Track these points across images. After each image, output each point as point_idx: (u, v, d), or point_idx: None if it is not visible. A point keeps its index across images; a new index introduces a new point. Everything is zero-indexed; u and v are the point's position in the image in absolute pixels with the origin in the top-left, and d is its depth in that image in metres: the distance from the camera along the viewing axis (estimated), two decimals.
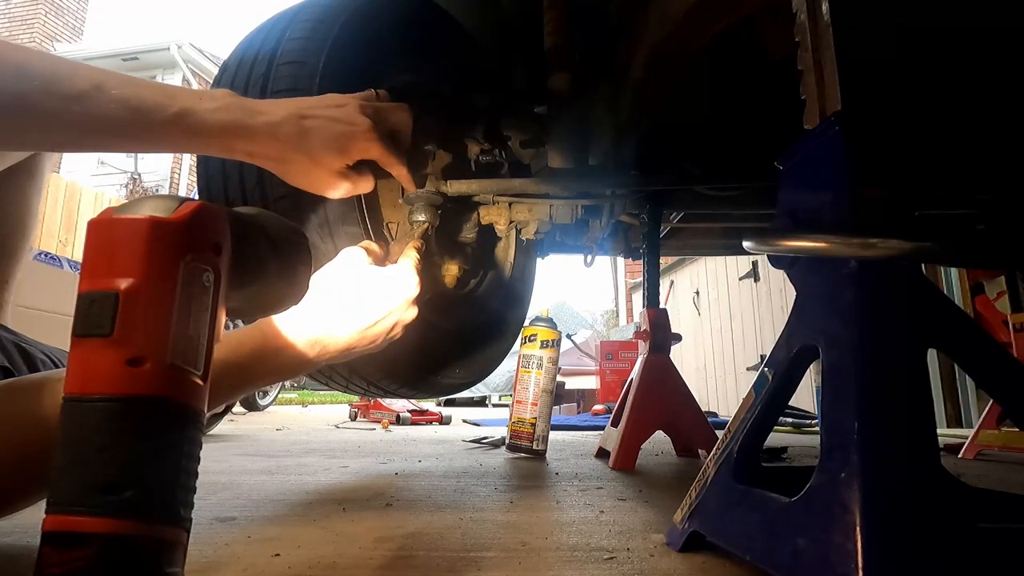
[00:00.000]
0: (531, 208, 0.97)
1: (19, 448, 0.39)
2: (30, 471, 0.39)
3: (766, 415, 0.50)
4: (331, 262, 0.59)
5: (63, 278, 2.15)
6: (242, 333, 0.51)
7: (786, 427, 2.19)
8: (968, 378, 2.66)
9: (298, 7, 0.83)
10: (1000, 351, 0.42)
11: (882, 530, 0.33)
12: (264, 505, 0.72)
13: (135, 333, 0.28)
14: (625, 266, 7.40)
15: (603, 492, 0.82)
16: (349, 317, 0.55)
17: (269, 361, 0.51)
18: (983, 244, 0.43)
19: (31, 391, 0.41)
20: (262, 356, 0.51)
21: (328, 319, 0.54)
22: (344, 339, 0.55)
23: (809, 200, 0.48)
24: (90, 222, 0.30)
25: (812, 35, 0.47)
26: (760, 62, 0.89)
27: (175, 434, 0.29)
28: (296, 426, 2.28)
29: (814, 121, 0.46)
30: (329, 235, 0.74)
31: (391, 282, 0.59)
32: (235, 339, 0.51)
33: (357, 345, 0.57)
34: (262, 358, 0.51)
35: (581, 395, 5.39)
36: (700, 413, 1.17)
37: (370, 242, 0.62)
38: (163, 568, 0.28)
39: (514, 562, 0.49)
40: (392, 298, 0.58)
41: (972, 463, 1.30)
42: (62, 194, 4.44)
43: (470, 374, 1.09)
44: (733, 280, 4.69)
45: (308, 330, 0.53)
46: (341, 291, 0.56)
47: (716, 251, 2.36)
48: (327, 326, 0.54)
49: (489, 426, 2.33)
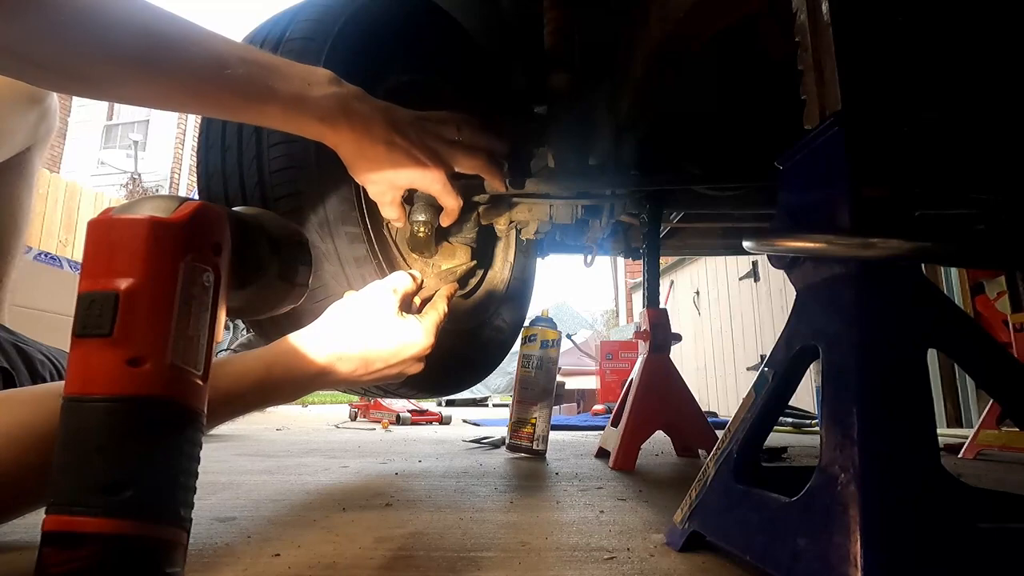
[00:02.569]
0: (531, 208, 0.97)
1: (16, 461, 0.39)
2: (28, 483, 0.39)
3: (766, 415, 0.50)
4: (358, 294, 0.60)
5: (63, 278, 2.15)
6: (246, 364, 0.52)
7: (786, 427, 2.19)
8: (968, 378, 2.66)
9: (298, 7, 0.83)
10: (1000, 351, 0.42)
11: (882, 530, 0.33)
12: (264, 505, 0.72)
13: (135, 333, 0.28)
14: (625, 266, 7.40)
15: (603, 492, 0.82)
16: (355, 361, 0.56)
17: (269, 394, 0.53)
18: (983, 244, 0.43)
19: (30, 403, 0.41)
20: (264, 389, 0.52)
21: (334, 359, 0.55)
22: (344, 379, 0.57)
23: (809, 200, 0.48)
24: (90, 222, 0.31)
25: (812, 35, 0.47)
26: (760, 62, 0.89)
27: (175, 434, 0.29)
28: (296, 426, 2.28)
29: (814, 121, 0.46)
30: (329, 235, 0.74)
31: (407, 339, 0.59)
32: (239, 369, 0.51)
33: (354, 384, 0.59)
34: (264, 391, 0.52)
35: (581, 395, 5.39)
36: (700, 413, 1.17)
37: (404, 276, 0.62)
38: (163, 568, 0.28)
39: (514, 562, 0.49)
40: (402, 352, 0.59)
41: (972, 463, 1.30)
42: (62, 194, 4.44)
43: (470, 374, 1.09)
44: (733, 280, 4.69)
45: (312, 369, 0.54)
46: (355, 333, 0.57)
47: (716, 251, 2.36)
48: (332, 365, 0.55)
49: (489, 426, 2.33)
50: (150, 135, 10.99)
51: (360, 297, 0.59)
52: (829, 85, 0.45)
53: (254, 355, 0.52)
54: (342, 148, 0.59)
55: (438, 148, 0.65)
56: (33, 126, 0.79)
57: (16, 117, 0.75)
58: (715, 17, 0.69)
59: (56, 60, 0.41)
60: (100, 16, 0.41)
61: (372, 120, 0.58)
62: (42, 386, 0.49)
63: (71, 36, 0.40)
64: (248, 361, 0.52)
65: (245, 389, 0.51)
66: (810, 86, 0.47)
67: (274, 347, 0.54)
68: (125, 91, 0.45)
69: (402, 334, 0.59)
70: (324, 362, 0.54)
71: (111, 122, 11.47)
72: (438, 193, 0.67)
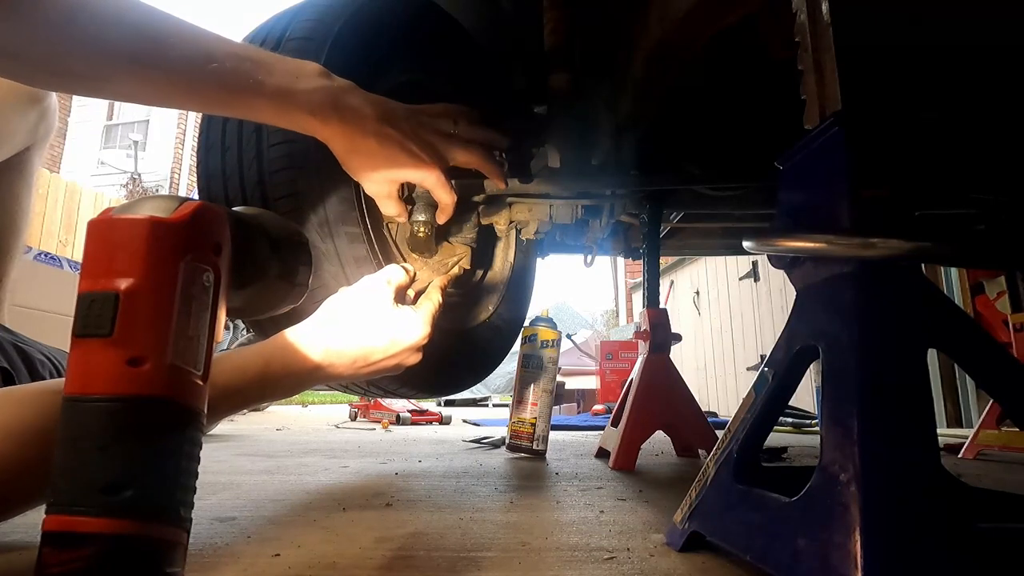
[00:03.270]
0: (531, 208, 0.97)
1: (16, 457, 0.39)
2: (27, 481, 0.39)
3: (766, 415, 0.50)
4: (352, 288, 0.60)
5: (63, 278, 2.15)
6: (244, 359, 0.52)
7: (786, 427, 2.19)
8: (968, 378, 2.66)
9: (298, 7, 0.83)
10: (1000, 351, 0.42)
11: (882, 530, 0.33)
12: (264, 505, 0.72)
13: (135, 333, 0.28)
14: (625, 266, 7.40)
15: (603, 492, 0.82)
16: (353, 354, 0.56)
17: (268, 389, 0.53)
18: (983, 244, 0.43)
19: (29, 400, 0.41)
20: (263, 384, 0.52)
21: (332, 352, 0.55)
22: (342, 373, 0.56)
23: (809, 200, 0.48)
24: (90, 222, 0.30)
25: (812, 35, 0.47)
26: (760, 62, 0.89)
27: (175, 434, 0.29)
28: (296, 426, 2.28)
29: (814, 121, 0.46)
30: (329, 235, 0.74)
31: (402, 328, 0.59)
32: (238, 364, 0.51)
33: (353, 378, 0.58)
34: (262, 386, 0.52)
35: (581, 395, 5.38)
36: (700, 413, 1.17)
37: (398, 268, 0.62)
38: (163, 568, 0.28)
39: (514, 562, 0.49)
40: (399, 343, 0.59)
41: (972, 463, 1.30)
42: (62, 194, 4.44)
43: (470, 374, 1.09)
44: (733, 280, 4.69)
45: (310, 362, 0.54)
46: (351, 326, 0.57)
47: (716, 251, 2.37)
48: (329, 359, 0.55)
49: (489, 426, 2.33)
50: (150, 135, 10.99)
51: (355, 290, 0.59)
52: (829, 85, 0.45)
53: (252, 350, 0.53)
54: (333, 142, 0.59)
55: (433, 141, 0.64)
56: (33, 126, 0.79)
57: (16, 117, 0.75)
58: (715, 17, 0.69)
59: (48, 58, 0.41)
60: (92, 14, 0.41)
61: (363, 113, 0.58)
62: (41, 383, 0.49)
63: (64, 34, 0.40)
64: (246, 356, 0.52)
65: (243, 384, 0.51)
66: (810, 86, 0.47)
67: (272, 342, 0.54)
68: (116, 87, 0.46)
69: (399, 325, 0.59)
70: (322, 356, 0.54)
71: (111, 122, 11.47)
72: (432, 187, 0.66)
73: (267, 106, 0.52)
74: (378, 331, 0.57)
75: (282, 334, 0.55)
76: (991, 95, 0.68)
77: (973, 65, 0.66)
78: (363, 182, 0.64)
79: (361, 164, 0.61)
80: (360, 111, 0.58)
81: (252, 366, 0.51)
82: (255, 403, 0.53)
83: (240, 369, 0.51)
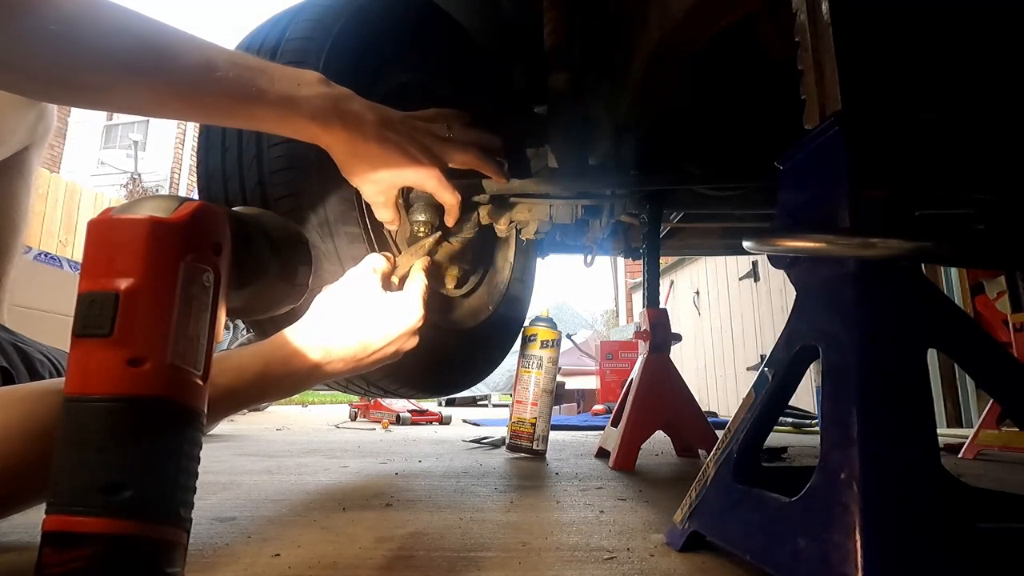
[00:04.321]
0: (531, 208, 0.97)
1: (16, 457, 0.39)
2: (27, 480, 0.39)
3: (766, 415, 0.50)
4: (339, 282, 0.59)
5: (63, 278, 2.15)
6: (243, 359, 0.52)
7: (786, 427, 2.19)
8: (968, 378, 2.66)
9: (298, 7, 0.83)
10: (1000, 351, 0.42)
11: (882, 530, 0.33)
12: (264, 505, 0.72)
13: (135, 333, 0.28)
14: (625, 266, 7.40)
15: (603, 492, 0.82)
16: (351, 346, 0.56)
17: (268, 388, 0.53)
18: (983, 244, 0.43)
19: (29, 400, 0.41)
20: (262, 384, 0.52)
21: (330, 347, 0.55)
22: (343, 367, 0.56)
23: (809, 200, 0.48)
24: (90, 222, 0.30)
25: (812, 35, 0.47)
26: (760, 62, 0.89)
27: (175, 434, 0.29)
28: (296, 426, 2.28)
29: (814, 121, 0.46)
30: (329, 235, 0.74)
31: (396, 313, 0.59)
32: (236, 364, 0.51)
33: (354, 371, 0.58)
34: (262, 385, 0.52)
35: (581, 395, 5.38)
36: (700, 413, 1.17)
37: (378, 257, 0.62)
38: (163, 568, 0.28)
39: (514, 562, 0.49)
40: (396, 328, 0.58)
41: (972, 463, 1.30)
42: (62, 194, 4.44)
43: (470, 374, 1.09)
44: (733, 280, 4.69)
45: (309, 361, 0.54)
46: (346, 319, 0.56)
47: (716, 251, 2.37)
48: (328, 353, 0.55)
49: (489, 426, 2.33)
50: (150, 135, 10.99)
51: (342, 284, 0.59)
52: (829, 85, 0.45)
53: (251, 350, 0.53)
54: (335, 148, 0.59)
55: (430, 145, 0.65)
56: (32, 125, 0.79)
57: (14, 116, 0.75)
58: (714, 17, 0.69)
59: (46, 70, 0.41)
60: (93, 25, 0.41)
61: (364, 119, 0.58)
62: (41, 383, 0.49)
63: (64, 46, 0.40)
64: (246, 356, 0.52)
65: (243, 385, 0.51)
66: (810, 86, 0.47)
67: (271, 342, 0.54)
68: (118, 98, 0.46)
69: (392, 311, 0.59)
70: (321, 353, 0.54)
71: (111, 122, 11.47)
72: (434, 189, 0.67)
73: (270, 113, 0.52)
74: (373, 320, 0.57)
75: (280, 334, 0.55)
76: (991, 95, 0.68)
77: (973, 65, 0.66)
78: (363, 187, 0.64)
79: (363, 169, 0.61)
80: (361, 116, 0.58)
81: (251, 366, 0.51)
82: (255, 403, 0.53)
83: (239, 369, 0.51)
